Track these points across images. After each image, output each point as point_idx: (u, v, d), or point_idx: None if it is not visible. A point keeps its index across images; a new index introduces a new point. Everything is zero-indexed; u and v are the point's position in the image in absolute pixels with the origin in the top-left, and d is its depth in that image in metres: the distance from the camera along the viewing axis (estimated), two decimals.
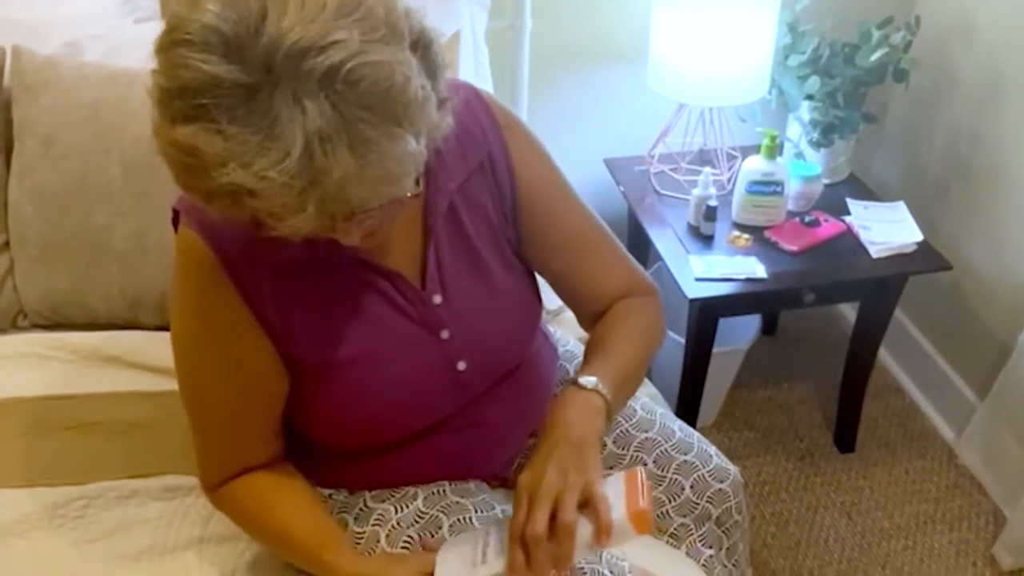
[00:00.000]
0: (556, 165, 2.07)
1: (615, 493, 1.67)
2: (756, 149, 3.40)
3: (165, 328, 2.47)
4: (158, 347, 2.57)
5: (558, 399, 1.83)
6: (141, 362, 2.59)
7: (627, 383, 1.98)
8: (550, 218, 2.02)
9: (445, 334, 1.91)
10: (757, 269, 3.21)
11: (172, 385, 2.22)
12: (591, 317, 2.13)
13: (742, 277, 3.18)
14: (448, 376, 1.95)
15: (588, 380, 1.84)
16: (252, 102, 1.29)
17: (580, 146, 3.90)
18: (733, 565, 2.39)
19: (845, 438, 3.92)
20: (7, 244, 2.77)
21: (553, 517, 1.63)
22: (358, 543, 1.99)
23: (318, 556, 1.85)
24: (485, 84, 3.36)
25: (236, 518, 2.01)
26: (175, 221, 1.79)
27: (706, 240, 3.38)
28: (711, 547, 2.32)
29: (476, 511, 1.98)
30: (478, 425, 2.05)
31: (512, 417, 2.15)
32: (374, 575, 1.78)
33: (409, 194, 1.51)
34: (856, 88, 3.50)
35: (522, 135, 2.00)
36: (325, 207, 1.38)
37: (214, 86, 1.29)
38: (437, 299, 1.89)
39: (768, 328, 4.48)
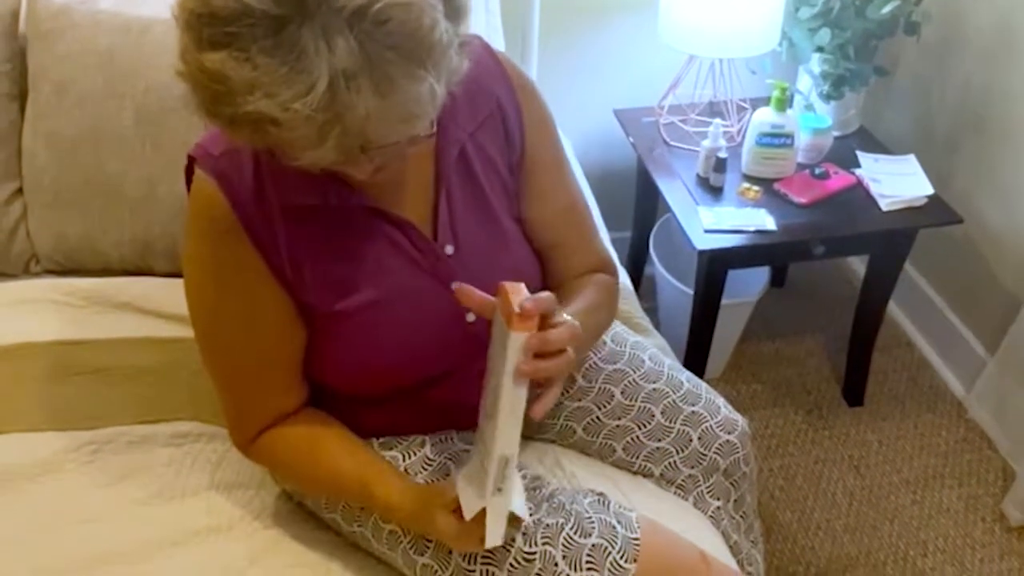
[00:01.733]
0: (559, 137, 2.08)
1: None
2: (766, 101, 3.38)
3: (176, 275, 2.49)
4: (169, 293, 2.58)
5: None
6: (152, 308, 2.59)
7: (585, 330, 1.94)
8: (547, 188, 2.04)
9: (455, 286, 1.89)
10: (766, 221, 3.20)
11: (183, 332, 2.23)
12: (564, 286, 2.12)
13: (751, 229, 3.17)
14: (457, 327, 1.95)
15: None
16: (281, 33, 1.30)
17: (590, 97, 3.89)
18: (741, 517, 2.39)
19: (854, 392, 3.91)
20: (20, 190, 2.78)
21: None
22: None
23: (368, 494, 1.87)
24: (496, 35, 3.35)
25: (276, 469, 2.03)
26: (189, 170, 1.79)
27: (715, 192, 3.37)
28: (719, 498, 2.32)
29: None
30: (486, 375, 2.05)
31: None
32: (418, 510, 1.80)
33: (424, 134, 1.51)
34: (867, 41, 3.48)
35: (535, 100, 2.00)
36: (344, 142, 1.38)
37: (245, 15, 1.29)
38: (449, 249, 1.89)
39: (777, 280, 4.46)
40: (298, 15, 1.29)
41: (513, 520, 1.76)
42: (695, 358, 3.57)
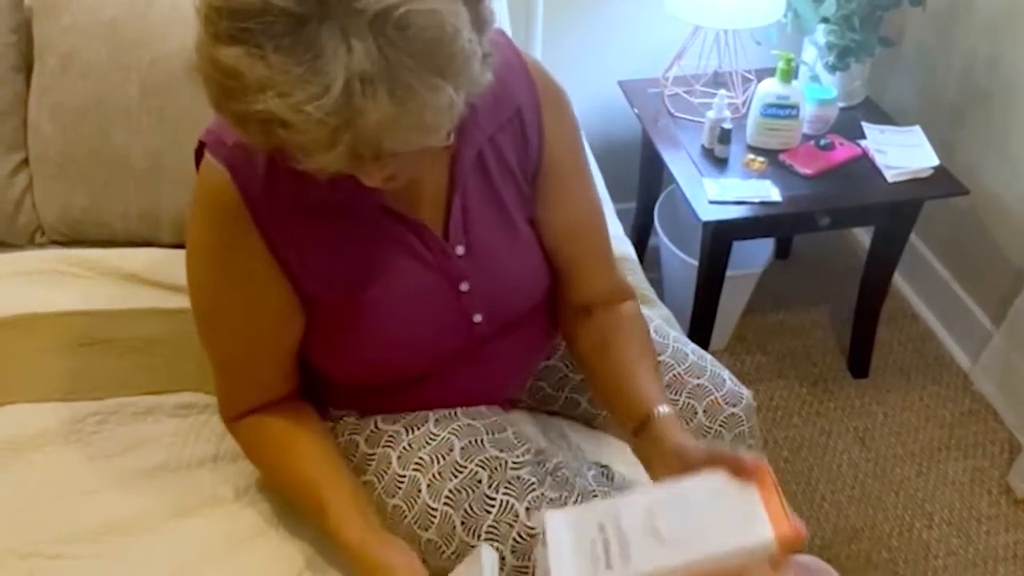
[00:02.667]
0: (584, 148, 2.05)
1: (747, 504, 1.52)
2: (771, 72, 3.37)
3: (182, 246, 2.49)
4: (175, 265, 2.56)
5: (668, 431, 1.78)
6: (158, 280, 2.59)
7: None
8: (564, 198, 2.00)
9: (464, 286, 1.89)
10: (771, 192, 3.19)
11: (187, 303, 2.23)
12: (569, 305, 2.11)
13: (756, 200, 3.17)
14: (463, 327, 1.95)
15: (667, 409, 1.82)
16: (299, 32, 1.26)
17: (594, 68, 3.87)
18: None
19: (859, 363, 3.91)
20: (26, 161, 2.77)
21: None
22: (369, 465, 2.00)
23: (323, 513, 1.85)
24: (500, 5, 3.33)
25: (249, 453, 2.02)
26: (199, 153, 1.76)
27: (720, 163, 3.36)
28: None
29: (488, 433, 1.98)
30: (489, 361, 2.06)
31: (524, 350, 2.16)
32: (366, 566, 1.78)
33: (439, 144, 1.49)
34: (872, 11, 3.47)
35: (559, 107, 1.96)
36: (355, 148, 1.35)
37: (263, 11, 1.26)
38: (459, 250, 1.87)
39: (782, 252, 4.46)
40: (318, 15, 1.26)
41: None
42: (699, 329, 3.57)
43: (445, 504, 1.89)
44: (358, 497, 1.91)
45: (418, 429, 1.99)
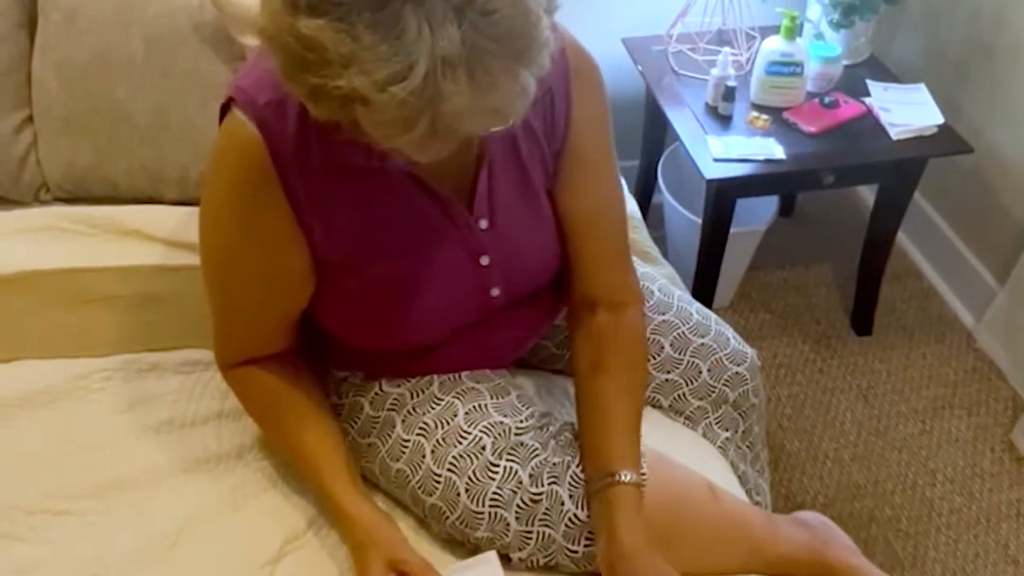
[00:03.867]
0: (611, 132, 2.02)
1: None
2: (776, 29, 3.35)
3: (186, 203, 2.49)
4: (180, 222, 2.59)
5: (618, 509, 1.84)
6: (163, 236, 2.58)
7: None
8: (584, 187, 1.98)
9: (485, 260, 1.89)
10: (775, 150, 3.19)
11: (193, 260, 2.23)
12: (576, 294, 2.10)
13: (760, 158, 3.16)
14: (480, 300, 1.95)
15: (635, 477, 1.86)
16: (385, 10, 1.24)
17: (598, 25, 3.86)
18: (748, 447, 2.39)
19: (862, 321, 3.91)
20: (30, 118, 2.76)
21: None
22: (373, 428, 2.01)
23: (321, 482, 1.89)
24: None
25: (245, 404, 2.03)
26: (223, 109, 1.73)
27: (724, 121, 3.35)
28: (727, 430, 2.32)
29: (491, 397, 1.98)
30: (498, 329, 2.06)
31: (533, 321, 2.16)
32: (362, 539, 1.82)
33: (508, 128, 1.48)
34: None
35: (591, 89, 1.94)
36: (432, 130, 1.34)
37: None
38: (483, 224, 1.86)
39: (785, 210, 4.45)
40: None
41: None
42: (703, 287, 3.57)
43: (449, 470, 1.90)
44: (345, 455, 1.94)
45: (422, 393, 2.00)
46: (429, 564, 1.79)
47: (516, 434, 1.91)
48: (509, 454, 1.88)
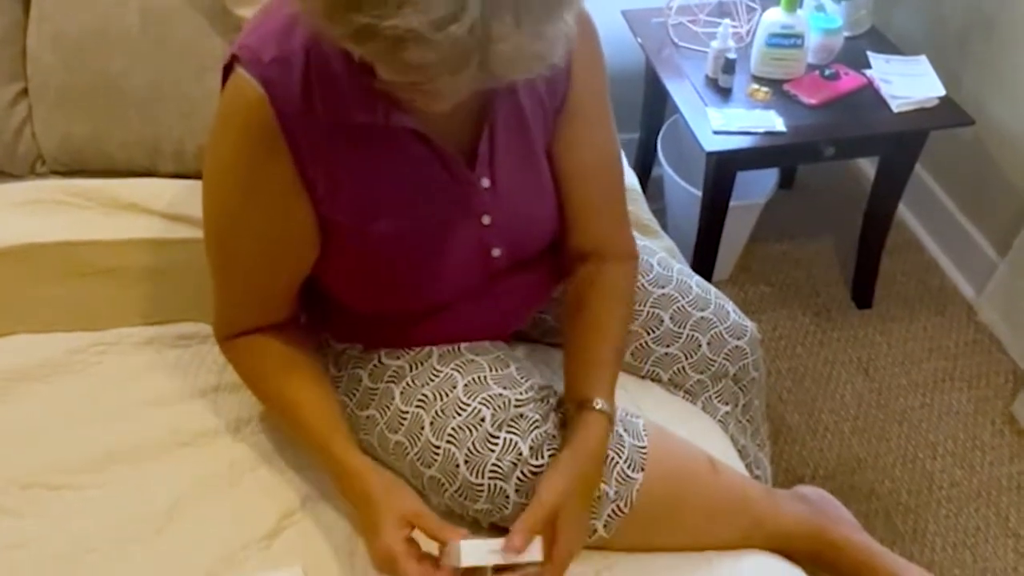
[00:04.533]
0: (607, 90, 2.02)
1: None
2: (776, 1, 3.34)
3: (183, 176, 2.48)
4: (176, 194, 2.57)
5: (595, 430, 1.85)
6: (159, 209, 2.57)
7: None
8: (581, 138, 1.97)
9: (486, 219, 1.88)
10: (776, 122, 3.18)
11: (189, 233, 2.22)
12: (569, 248, 2.09)
13: (760, 130, 3.15)
14: (481, 260, 1.94)
15: (606, 406, 1.87)
16: None
17: None
18: (748, 421, 2.40)
19: (863, 294, 3.91)
20: (25, 91, 2.74)
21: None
22: (372, 399, 2.00)
23: (326, 444, 1.86)
24: None
25: (245, 373, 2.01)
26: (227, 69, 1.71)
27: (724, 93, 3.34)
28: (727, 403, 2.32)
29: (491, 370, 1.97)
30: (499, 297, 2.05)
31: (533, 288, 2.16)
32: (366, 492, 1.79)
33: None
34: None
35: (590, 44, 1.94)
36: (481, 73, 1.33)
37: None
38: (485, 183, 1.85)
39: (786, 182, 4.45)
40: None
41: None
42: (703, 260, 3.56)
43: (448, 442, 1.89)
44: (344, 424, 1.92)
45: (421, 365, 1.99)
46: (444, 521, 1.77)
47: (516, 406, 1.90)
48: (509, 426, 1.88)
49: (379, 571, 1.73)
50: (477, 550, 1.67)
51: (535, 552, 1.71)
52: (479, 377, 1.95)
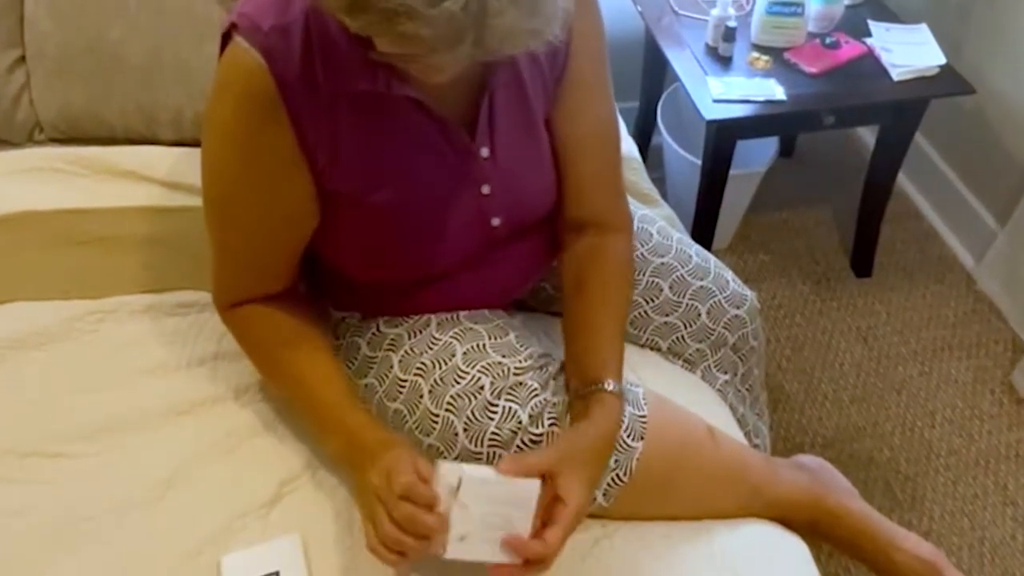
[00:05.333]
0: (606, 58, 2.01)
1: None
2: None
3: (182, 144, 2.47)
4: (175, 163, 2.57)
5: (608, 412, 1.84)
6: (158, 177, 2.56)
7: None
8: (580, 106, 1.97)
9: (486, 189, 1.88)
10: (776, 91, 3.17)
11: (188, 201, 2.22)
12: (566, 219, 2.08)
13: (761, 99, 3.14)
14: (480, 230, 1.93)
15: (617, 387, 1.86)
16: None
17: None
18: (747, 390, 2.40)
19: (862, 262, 3.91)
20: (23, 58, 2.73)
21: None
22: (370, 368, 1.99)
23: (338, 415, 1.84)
24: None
25: (245, 342, 2.00)
26: (225, 37, 1.70)
27: (725, 61, 3.33)
28: (726, 372, 2.32)
29: (490, 338, 1.97)
30: (498, 265, 2.05)
31: (532, 257, 2.15)
32: (384, 441, 1.76)
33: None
34: None
35: (590, 13, 1.93)
36: (477, 48, 1.33)
37: None
38: (484, 152, 1.85)
39: (785, 151, 4.44)
40: None
41: None
42: (702, 229, 3.56)
43: (447, 410, 1.88)
44: (352, 390, 1.92)
45: (420, 333, 1.98)
46: None
47: (515, 374, 1.90)
48: (508, 394, 1.87)
49: (363, 514, 1.73)
50: (478, 472, 1.67)
51: (532, 491, 1.69)
52: (478, 345, 1.95)
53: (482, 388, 1.88)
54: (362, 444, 1.77)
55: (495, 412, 1.86)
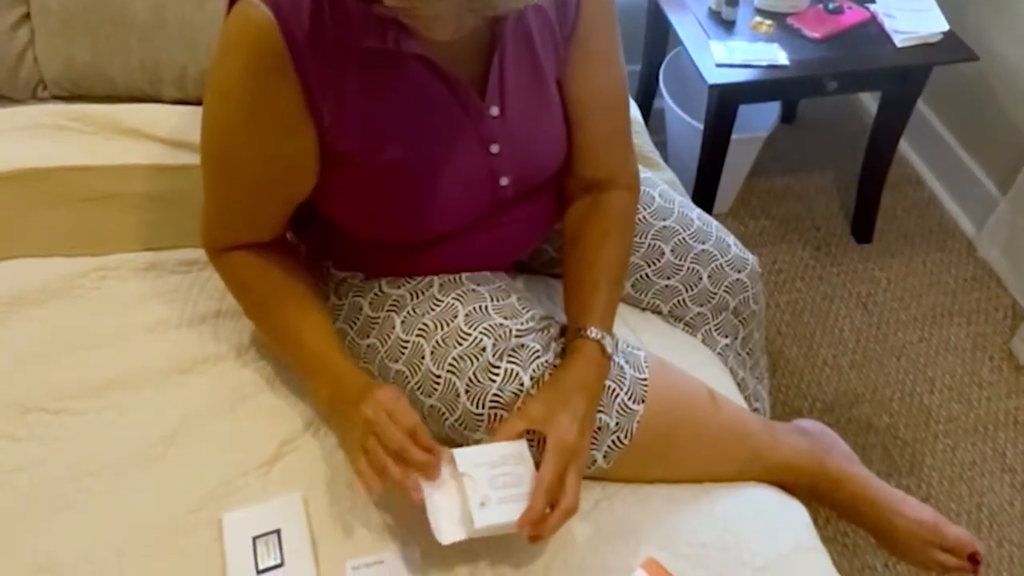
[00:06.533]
0: (616, 19, 2.00)
1: None
2: None
3: (185, 102, 2.46)
4: (178, 120, 2.57)
5: (582, 357, 1.87)
6: (161, 135, 2.57)
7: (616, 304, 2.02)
8: (591, 72, 1.97)
9: (495, 148, 1.87)
10: (779, 56, 3.17)
11: (191, 159, 2.22)
12: (574, 178, 2.09)
13: (763, 64, 3.14)
14: (488, 189, 1.93)
15: (598, 333, 1.89)
16: None
17: None
18: (747, 353, 2.40)
19: (863, 228, 3.91)
20: (28, 15, 2.73)
21: None
22: (372, 328, 1.99)
23: (324, 360, 1.85)
24: None
25: (234, 287, 2.00)
26: None
27: (728, 26, 3.33)
28: (727, 336, 2.33)
29: (492, 300, 1.97)
30: (504, 225, 2.04)
31: (538, 219, 2.15)
32: (368, 384, 1.78)
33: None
34: None
35: None
36: (474, 3, 1.33)
37: None
38: (494, 111, 1.84)
39: (787, 116, 4.44)
40: None
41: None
42: (704, 192, 3.56)
43: (449, 372, 1.88)
44: (338, 339, 1.93)
45: (422, 294, 1.98)
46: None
47: (517, 336, 1.90)
48: (510, 356, 1.87)
49: (351, 448, 1.75)
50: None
51: (522, 446, 1.75)
52: (480, 307, 1.94)
53: (484, 350, 1.88)
54: (352, 382, 1.80)
55: (497, 374, 1.86)
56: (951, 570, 2.14)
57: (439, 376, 1.89)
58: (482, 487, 1.67)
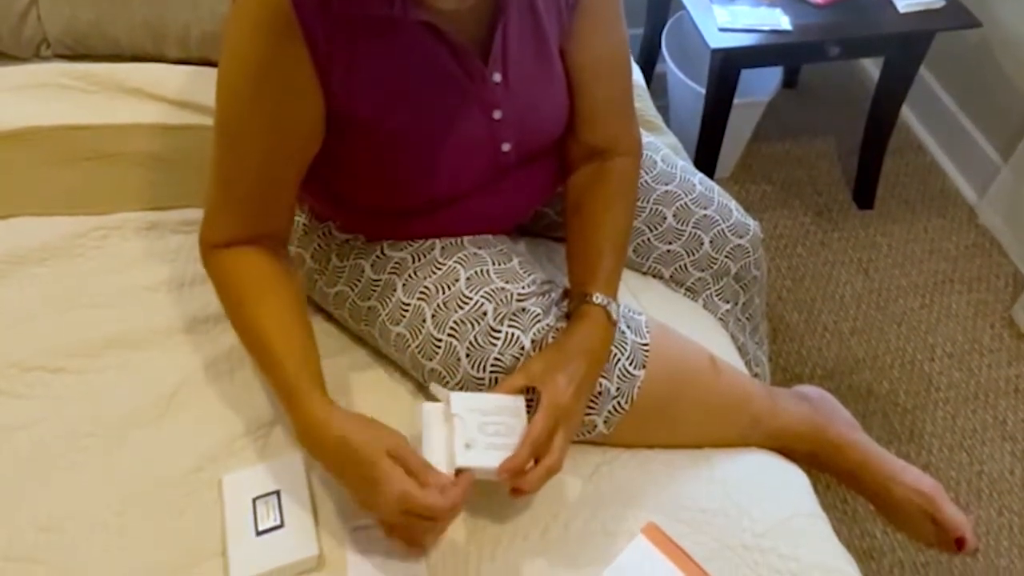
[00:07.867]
0: None
1: None
2: None
3: (188, 62, 2.45)
4: (182, 80, 2.57)
5: (587, 322, 1.87)
6: (164, 95, 2.56)
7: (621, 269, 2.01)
8: (595, 38, 1.96)
9: (497, 114, 1.86)
10: (782, 20, 3.16)
11: (193, 119, 2.21)
12: (577, 145, 2.08)
13: (766, 28, 3.14)
14: (490, 155, 1.93)
15: (604, 299, 1.88)
16: None
17: None
18: (748, 319, 2.40)
19: (864, 194, 3.91)
20: None
21: None
22: (374, 291, 1.99)
23: (293, 382, 1.75)
24: None
25: (217, 288, 1.92)
26: None
27: None
28: (728, 302, 2.32)
29: (494, 263, 1.96)
30: (506, 190, 2.04)
31: (540, 183, 2.14)
32: (342, 435, 1.68)
33: None
34: None
35: None
36: None
37: None
38: (497, 77, 1.83)
39: (789, 81, 4.44)
40: None
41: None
42: (706, 157, 3.56)
43: (450, 335, 1.89)
44: (317, 368, 1.83)
45: (424, 257, 1.98)
46: (425, 461, 1.69)
47: (518, 300, 1.90)
48: (511, 320, 1.87)
49: (390, 518, 1.68)
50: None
51: (519, 401, 1.76)
52: (481, 270, 1.94)
53: (485, 314, 1.88)
54: (329, 437, 1.69)
55: (498, 338, 1.86)
56: (934, 545, 2.15)
57: (440, 340, 1.89)
58: (471, 430, 1.69)
